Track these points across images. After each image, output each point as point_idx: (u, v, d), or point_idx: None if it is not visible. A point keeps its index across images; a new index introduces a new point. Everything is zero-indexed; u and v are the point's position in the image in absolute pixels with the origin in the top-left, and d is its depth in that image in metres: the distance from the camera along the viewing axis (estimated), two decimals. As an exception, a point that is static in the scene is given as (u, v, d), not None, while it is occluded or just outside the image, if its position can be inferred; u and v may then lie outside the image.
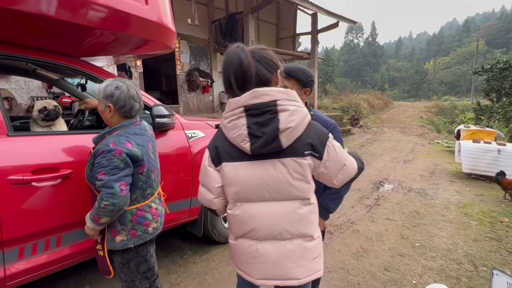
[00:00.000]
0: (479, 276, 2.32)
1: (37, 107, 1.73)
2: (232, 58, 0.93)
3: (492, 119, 8.65)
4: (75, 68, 1.71)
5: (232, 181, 0.98)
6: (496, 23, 69.95)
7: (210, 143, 1.04)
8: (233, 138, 0.94)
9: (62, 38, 1.56)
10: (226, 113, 0.96)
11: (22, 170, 1.40)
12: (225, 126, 0.97)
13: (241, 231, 1.03)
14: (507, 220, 3.46)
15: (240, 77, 0.92)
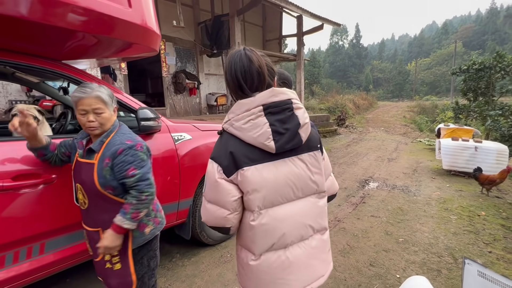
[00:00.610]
0: (458, 268, 2.42)
1: (12, 113, 1.67)
2: (241, 59, 0.91)
3: (469, 117, 9.04)
4: (56, 72, 1.68)
5: (258, 185, 0.90)
6: (472, 25, 73.18)
7: (217, 153, 0.92)
8: (254, 138, 0.89)
9: (43, 41, 1.53)
10: (239, 114, 0.90)
11: (2, 176, 1.37)
12: (239, 128, 0.90)
13: (269, 243, 0.94)
14: (484, 214, 3.63)
15: (256, 78, 0.91)
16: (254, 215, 0.93)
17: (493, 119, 7.24)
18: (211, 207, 0.94)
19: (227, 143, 0.91)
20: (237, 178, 0.90)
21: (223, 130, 0.96)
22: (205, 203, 0.97)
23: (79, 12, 1.42)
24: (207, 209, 0.95)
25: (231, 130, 0.92)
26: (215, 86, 10.40)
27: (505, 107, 8.27)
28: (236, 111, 0.92)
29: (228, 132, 0.93)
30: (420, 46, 76.35)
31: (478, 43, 63.77)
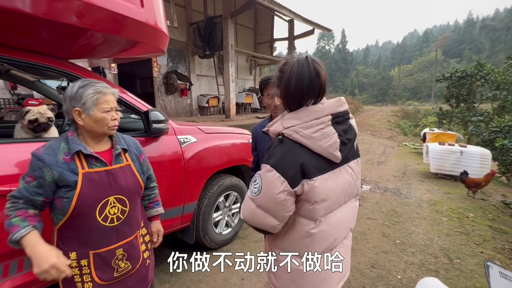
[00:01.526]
0: (454, 268, 2.52)
1: (29, 117, 1.58)
2: (309, 69, 0.89)
3: (452, 123, 9.45)
4: (63, 71, 1.61)
5: (325, 195, 0.89)
6: (451, 35, 76.76)
7: (280, 162, 0.85)
8: (323, 148, 0.86)
9: (53, 39, 1.47)
10: (308, 122, 0.87)
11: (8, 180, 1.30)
12: (309, 137, 0.86)
13: (323, 247, 0.96)
14: (472, 215, 3.80)
15: (321, 88, 0.91)
16: (316, 223, 0.92)
17: (475, 125, 7.61)
18: (260, 212, 0.90)
19: (294, 151, 0.86)
20: (303, 188, 0.86)
21: (284, 136, 0.89)
22: (252, 204, 0.91)
23: (93, 10, 1.38)
24: (254, 212, 0.91)
25: (297, 138, 0.87)
26: (206, 88, 10.31)
27: (484, 113, 8.72)
28: (303, 118, 0.88)
29: (291, 139, 0.88)
30: (403, 53, 79.16)
31: (456, 52, 66.95)
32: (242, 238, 2.95)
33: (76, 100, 1.08)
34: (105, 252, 1.15)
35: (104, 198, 1.12)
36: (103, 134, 1.16)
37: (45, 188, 1.04)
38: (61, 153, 1.07)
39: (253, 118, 9.09)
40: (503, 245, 3.06)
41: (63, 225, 1.09)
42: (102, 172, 1.12)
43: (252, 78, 12.69)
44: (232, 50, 8.03)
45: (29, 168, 1.05)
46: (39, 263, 0.97)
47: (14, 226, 0.98)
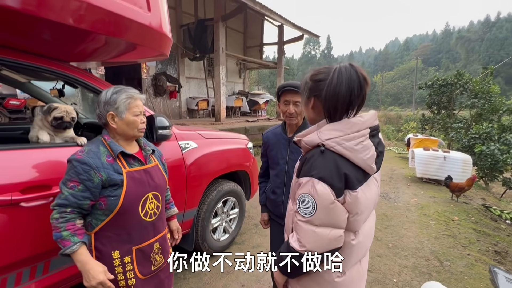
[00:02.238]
0: (445, 270, 2.62)
1: (55, 114, 1.55)
2: (358, 78, 0.88)
3: (434, 128, 9.87)
4: (63, 73, 1.55)
5: (364, 206, 0.90)
6: (429, 44, 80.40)
7: (327, 173, 0.85)
8: (363, 160, 0.88)
9: (58, 41, 1.42)
10: (350, 134, 0.87)
11: (10, 189, 1.23)
12: (351, 149, 0.86)
13: (358, 258, 0.98)
14: (457, 219, 3.97)
15: (363, 98, 0.91)
16: (356, 234, 0.93)
17: (455, 131, 7.98)
18: (323, 230, 0.87)
19: (337, 163, 0.86)
20: (345, 199, 0.87)
21: (326, 148, 0.88)
22: (313, 229, 0.87)
23: (102, 14, 1.35)
24: (318, 235, 0.87)
25: (340, 150, 0.86)
26: (195, 90, 10.22)
27: (463, 120, 9.18)
28: (345, 130, 0.88)
29: (333, 151, 0.87)
30: (385, 60, 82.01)
31: (435, 60, 70.17)
32: (239, 244, 2.93)
33: (110, 104, 1.16)
34: (146, 246, 1.24)
35: (144, 194, 1.21)
36: (133, 136, 1.24)
37: (92, 191, 1.10)
38: (103, 155, 1.14)
39: (243, 122, 9.09)
40: (487, 247, 3.22)
41: (105, 225, 1.15)
42: (140, 170, 1.23)
43: (241, 82, 12.71)
44: (223, 53, 8.02)
45: (70, 173, 1.09)
46: (89, 279, 1.05)
47: (65, 241, 1.06)
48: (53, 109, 1.56)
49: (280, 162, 1.58)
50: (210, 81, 10.29)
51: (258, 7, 7.84)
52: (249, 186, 3.04)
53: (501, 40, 56.52)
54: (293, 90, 1.47)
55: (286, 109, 1.50)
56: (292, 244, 0.93)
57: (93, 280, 1.05)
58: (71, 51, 1.59)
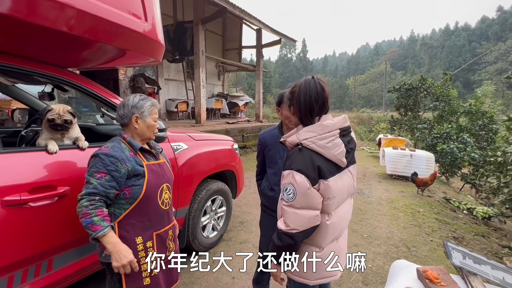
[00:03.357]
0: (412, 255, 2.95)
1: (48, 115, 1.56)
2: (316, 87, 1.10)
3: (401, 129, 10.62)
4: (62, 79, 1.62)
5: (336, 193, 1.10)
6: (397, 50, 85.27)
7: (304, 166, 1.04)
8: (334, 155, 1.08)
9: (59, 48, 1.49)
10: (322, 134, 1.08)
11: (19, 189, 1.29)
12: (323, 146, 1.07)
13: (333, 236, 1.18)
14: (422, 210, 4.41)
15: (323, 104, 1.12)
16: (329, 216, 1.14)
17: (420, 131, 8.68)
18: (303, 212, 1.06)
19: (312, 158, 1.07)
20: (319, 187, 1.07)
21: (303, 146, 1.09)
22: (294, 211, 1.07)
23: (104, 24, 1.44)
24: (299, 215, 1.06)
25: (314, 147, 1.07)
26: (175, 92, 10.14)
27: (427, 122, 9.99)
28: (318, 131, 1.09)
29: (309, 148, 1.08)
30: (357, 64, 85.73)
31: (402, 65, 74.58)
32: (227, 240, 3.06)
33: (137, 108, 1.36)
34: (163, 232, 1.41)
35: (161, 185, 1.39)
36: (148, 138, 1.43)
37: (118, 180, 1.24)
38: (126, 150, 1.31)
39: (224, 124, 9.19)
40: (447, 233, 3.64)
41: (128, 214, 1.28)
42: (156, 164, 1.42)
43: (220, 84, 12.78)
44: (203, 56, 8.09)
45: (97, 166, 1.23)
46: (120, 259, 1.17)
47: (96, 225, 1.16)
48: (48, 110, 1.58)
49: (278, 162, 1.74)
50: (190, 83, 10.28)
51: (237, 11, 8.02)
52: (235, 185, 3.19)
53: (459, 47, 61.51)
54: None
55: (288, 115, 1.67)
56: (279, 226, 1.12)
57: (124, 259, 1.16)
58: (70, 57, 1.66)
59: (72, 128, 1.63)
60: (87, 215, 1.17)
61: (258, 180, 2.00)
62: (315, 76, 1.14)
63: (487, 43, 57.98)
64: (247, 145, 8.69)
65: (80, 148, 1.60)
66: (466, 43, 61.95)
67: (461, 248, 1.31)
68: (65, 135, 1.62)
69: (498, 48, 50.12)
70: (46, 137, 1.56)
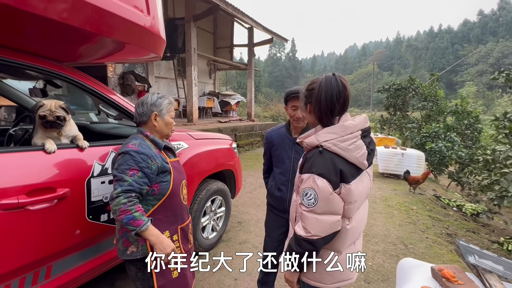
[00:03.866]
0: (410, 252, 3.00)
1: (39, 112, 1.45)
2: (338, 85, 1.04)
3: (391, 128, 10.84)
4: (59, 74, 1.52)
5: (356, 196, 1.06)
6: (383, 50, 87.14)
7: (325, 170, 1.00)
8: (356, 157, 1.03)
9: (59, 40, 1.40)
10: (344, 136, 1.03)
11: (16, 192, 1.20)
12: (345, 149, 1.02)
13: (352, 240, 1.14)
14: (415, 208, 4.49)
15: (344, 103, 1.06)
16: (350, 220, 1.10)
17: (409, 130, 8.87)
18: (325, 217, 1.02)
19: (334, 161, 1.02)
20: (340, 191, 1.03)
21: (324, 148, 1.03)
22: (316, 216, 1.02)
23: (107, 17, 1.37)
24: (320, 221, 1.02)
25: (335, 150, 1.02)
26: (165, 90, 9.94)
27: (415, 121, 10.24)
28: (339, 133, 1.04)
29: (330, 151, 1.03)
30: (345, 64, 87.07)
31: (388, 66, 76.31)
32: (226, 241, 3.01)
33: (156, 106, 1.38)
34: (185, 226, 1.47)
35: (182, 181, 1.46)
36: (166, 135, 1.47)
37: (150, 177, 1.27)
38: (152, 148, 1.34)
39: (216, 123, 9.09)
40: (440, 230, 3.72)
41: (156, 210, 1.32)
42: (176, 161, 1.49)
43: (211, 82, 12.64)
44: (195, 53, 7.96)
45: (129, 163, 1.23)
46: (164, 248, 1.23)
47: (138, 220, 1.19)
48: (39, 107, 1.47)
49: (286, 161, 1.71)
50: (181, 81, 10.10)
51: (230, 9, 7.93)
52: (234, 185, 3.14)
53: (442, 49, 63.49)
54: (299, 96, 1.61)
55: (294, 114, 1.64)
56: (298, 232, 1.06)
57: (168, 248, 1.23)
58: (69, 51, 1.56)
59: (67, 125, 1.54)
60: (127, 212, 1.18)
61: (265, 178, 1.97)
62: (336, 73, 1.08)
63: (469, 46, 60.16)
64: (240, 144, 8.64)
65: (80, 148, 1.51)
66: (449, 45, 64.02)
67: (473, 246, 1.32)
68: (62, 133, 1.52)
69: (479, 51, 52.10)
70: (42, 136, 1.46)
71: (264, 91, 44.93)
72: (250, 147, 9.28)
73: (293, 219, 1.27)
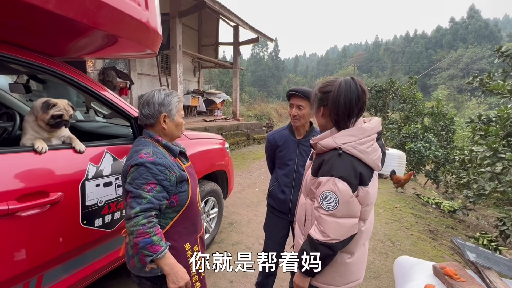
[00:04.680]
0: (397, 249, 3.10)
1: (54, 111, 1.36)
2: (357, 89, 1.04)
3: (372, 129, 11.17)
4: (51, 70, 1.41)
5: (373, 199, 1.07)
6: (363, 53, 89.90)
7: (346, 173, 0.99)
8: (373, 160, 1.04)
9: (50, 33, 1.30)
10: (362, 139, 1.03)
11: (5, 197, 1.10)
12: (363, 151, 1.02)
13: (363, 242, 1.15)
14: (399, 206, 4.67)
15: (362, 107, 1.06)
16: (365, 222, 1.11)
17: (390, 131, 9.21)
18: (344, 221, 1.02)
19: (353, 164, 1.02)
20: (358, 194, 1.03)
21: (343, 151, 1.03)
22: (336, 220, 1.01)
23: (108, 11, 1.29)
24: (340, 225, 1.01)
25: (354, 152, 1.02)
26: (148, 88, 9.62)
27: (395, 122, 10.64)
28: (358, 135, 1.04)
29: (349, 154, 1.03)
30: (326, 65, 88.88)
31: (367, 68, 78.83)
32: (218, 242, 2.97)
33: (164, 106, 1.21)
34: (202, 234, 1.38)
35: (197, 186, 1.33)
36: (177, 137, 1.31)
37: (168, 189, 1.13)
38: (167, 155, 1.19)
39: (201, 122, 8.95)
40: (423, 227, 3.89)
41: (175, 222, 1.20)
42: (189, 166, 1.34)
43: (196, 80, 12.42)
44: (180, 50, 7.80)
45: (145, 176, 1.08)
46: (177, 280, 1.08)
47: (156, 246, 1.05)
48: (52, 105, 1.39)
49: (289, 163, 1.70)
50: (164, 78, 9.84)
51: (217, 6, 7.83)
52: (227, 185, 3.10)
53: (417, 53, 66.50)
54: (296, 94, 1.61)
55: (290, 112, 1.64)
56: (315, 237, 1.04)
57: (181, 281, 1.08)
58: (63, 45, 1.46)
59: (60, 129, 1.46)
60: (145, 235, 1.04)
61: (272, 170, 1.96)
62: (355, 78, 1.08)
63: (441, 51, 63.50)
64: (226, 144, 8.55)
65: (78, 152, 1.42)
66: (423, 49, 67.17)
67: (470, 244, 1.38)
68: (54, 134, 1.42)
69: (450, 56, 55.14)
70: (32, 137, 1.35)
71: (248, 90, 44.79)
72: (236, 147, 9.22)
73: (301, 222, 1.25)
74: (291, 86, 13.90)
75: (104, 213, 1.54)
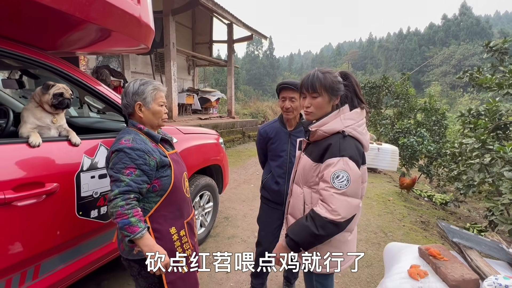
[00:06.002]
0: (390, 240, 3.17)
1: (54, 90, 1.44)
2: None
3: (366, 124, 11.29)
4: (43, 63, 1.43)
5: (366, 177, 1.17)
6: (357, 50, 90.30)
7: (353, 152, 1.07)
8: (366, 141, 1.15)
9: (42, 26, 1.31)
10: (359, 121, 1.14)
11: (2, 187, 1.12)
12: (361, 133, 1.13)
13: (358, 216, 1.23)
14: (392, 199, 4.75)
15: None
16: (361, 199, 1.18)
17: (384, 127, 9.32)
18: (352, 200, 1.06)
19: (356, 144, 1.11)
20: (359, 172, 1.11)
21: (346, 133, 1.10)
22: (346, 198, 1.04)
23: (98, 4, 1.31)
24: (350, 203, 1.05)
25: (355, 134, 1.11)
26: (142, 86, 9.59)
27: (388, 118, 10.76)
28: (356, 118, 1.13)
29: (351, 135, 1.11)
30: (321, 63, 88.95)
31: (361, 65, 79.26)
32: (214, 236, 3.01)
33: (138, 95, 1.25)
34: (190, 219, 1.41)
35: (182, 173, 1.36)
36: (158, 125, 1.34)
37: (148, 174, 1.17)
38: (147, 142, 1.24)
39: (196, 120, 8.95)
40: (415, 219, 3.98)
41: (159, 206, 1.23)
42: (174, 153, 1.38)
43: (190, 79, 12.40)
44: (174, 48, 7.78)
45: (124, 161, 1.13)
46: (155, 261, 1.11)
47: (134, 227, 1.09)
48: (51, 86, 1.45)
49: (282, 154, 1.74)
50: (158, 76, 9.81)
51: (210, 3, 7.82)
52: (222, 180, 3.14)
53: (411, 50, 67.05)
54: (289, 87, 1.64)
55: (283, 105, 1.67)
56: (324, 215, 1.04)
57: (160, 262, 1.12)
58: (55, 39, 1.47)
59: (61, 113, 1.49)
60: (123, 216, 1.09)
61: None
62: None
63: (434, 48, 64.08)
64: (221, 141, 8.57)
65: (74, 145, 1.45)
66: (416, 46, 67.71)
67: (453, 227, 1.44)
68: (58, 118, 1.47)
69: (443, 53, 55.70)
70: (32, 125, 1.38)
71: (243, 88, 44.73)
72: (232, 144, 9.25)
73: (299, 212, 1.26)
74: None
75: (100, 205, 1.56)
